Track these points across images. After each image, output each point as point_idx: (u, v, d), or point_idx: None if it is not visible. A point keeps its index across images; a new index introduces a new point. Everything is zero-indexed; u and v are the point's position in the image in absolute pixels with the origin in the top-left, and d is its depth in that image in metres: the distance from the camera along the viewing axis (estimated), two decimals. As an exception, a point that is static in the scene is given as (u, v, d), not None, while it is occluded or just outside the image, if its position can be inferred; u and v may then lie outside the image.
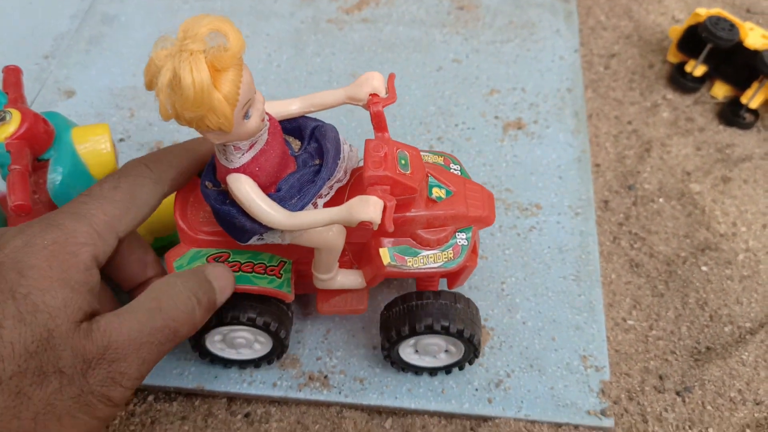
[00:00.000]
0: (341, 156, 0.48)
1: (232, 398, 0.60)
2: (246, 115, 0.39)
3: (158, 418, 0.59)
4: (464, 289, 0.65)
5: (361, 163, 0.49)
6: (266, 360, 0.59)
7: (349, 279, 0.55)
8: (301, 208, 0.45)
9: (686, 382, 0.61)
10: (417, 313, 0.53)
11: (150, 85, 0.37)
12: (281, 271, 0.52)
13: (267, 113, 0.45)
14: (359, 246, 0.54)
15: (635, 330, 0.64)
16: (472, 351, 0.56)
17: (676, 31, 0.85)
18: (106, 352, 0.40)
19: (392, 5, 0.92)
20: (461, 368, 0.59)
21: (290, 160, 0.47)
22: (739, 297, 0.66)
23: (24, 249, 0.42)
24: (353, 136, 0.77)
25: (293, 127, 0.49)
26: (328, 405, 0.60)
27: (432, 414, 0.59)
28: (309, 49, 0.87)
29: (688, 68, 0.84)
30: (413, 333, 0.53)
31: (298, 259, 0.53)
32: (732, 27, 0.80)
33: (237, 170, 0.42)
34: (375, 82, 0.47)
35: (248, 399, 0.60)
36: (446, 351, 0.57)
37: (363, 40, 0.88)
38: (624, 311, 0.65)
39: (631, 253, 0.70)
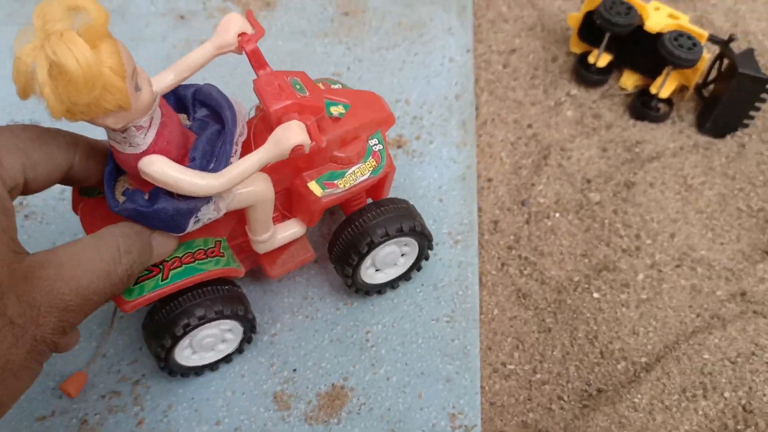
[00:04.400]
0: (235, 108, 0.46)
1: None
2: (137, 88, 0.37)
3: None
4: (324, 341, 0.58)
5: (252, 114, 0.50)
6: (247, 341, 0.56)
7: (288, 231, 0.54)
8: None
9: (569, 437, 0.53)
10: (363, 231, 0.53)
11: (25, 90, 0.34)
12: (221, 249, 0.50)
13: None
14: (284, 194, 0.53)
15: (516, 375, 0.57)
16: (425, 242, 0.56)
17: (574, 18, 0.77)
18: (54, 300, 0.37)
19: (272, 18, 0.84)
20: (419, 269, 0.59)
21: (188, 132, 0.44)
22: (635, 326, 0.59)
23: None
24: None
25: (174, 102, 0.47)
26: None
27: (281, 496, 0.52)
28: (181, 74, 0.80)
29: (591, 59, 0.76)
30: (370, 248, 0.53)
31: (231, 234, 0.52)
32: (630, 9, 0.71)
33: (146, 152, 0.40)
34: (240, 22, 0.46)
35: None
36: (402, 255, 0.57)
37: (237, 60, 0.80)
38: (504, 354, 0.58)
39: (520, 282, 0.62)
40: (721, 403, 0.54)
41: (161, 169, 0.40)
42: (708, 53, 0.72)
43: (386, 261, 0.56)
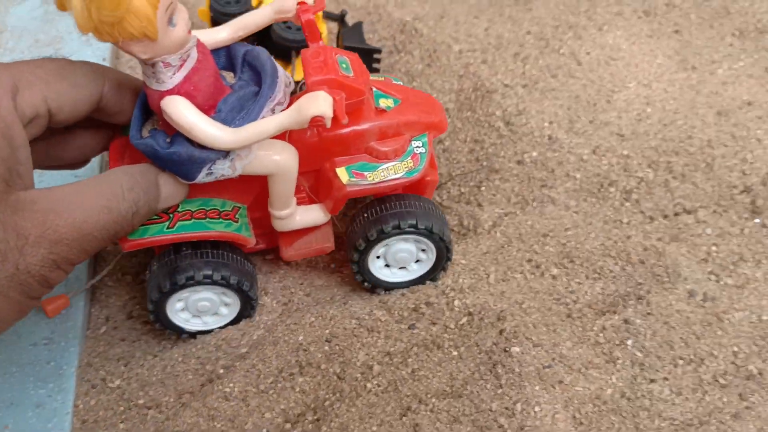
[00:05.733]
0: (278, 75, 0.45)
1: None
2: (170, 22, 0.38)
3: None
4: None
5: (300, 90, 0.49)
6: (238, 321, 0.56)
7: (310, 215, 0.53)
8: None
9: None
10: (382, 216, 0.51)
11: (62, 1, 0.36)
12: (237, 216, 0.50)
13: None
14: (313, 175, 0.52)
15: (119, 388, 0.55)
16: (444, 252, 0.54)
17: (204, 12, 0.75)
18: (46, 232, 0.38)
19: None
20: (434, 279, 0.57)
21: (225, 87, 0.44)
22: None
23: None
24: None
25: (225, 59, 0.48)
26: None
27: None
28: None
29: (226, 51, 0.75)
30: (381, 235, 0.51)
31: (252, 204, 0.52)
32: (239, -1, 0.70)
33: (171, 92, 0.41)
34: None
35: None
36: (417, 261, 0.56)
37: None
38: (108, 368, 0.56)
39: (136, 289, 0.60)
40: (318, 376, 0.54)
41: (180, 110, 0.41)
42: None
43: (398, 259, 0.55)
